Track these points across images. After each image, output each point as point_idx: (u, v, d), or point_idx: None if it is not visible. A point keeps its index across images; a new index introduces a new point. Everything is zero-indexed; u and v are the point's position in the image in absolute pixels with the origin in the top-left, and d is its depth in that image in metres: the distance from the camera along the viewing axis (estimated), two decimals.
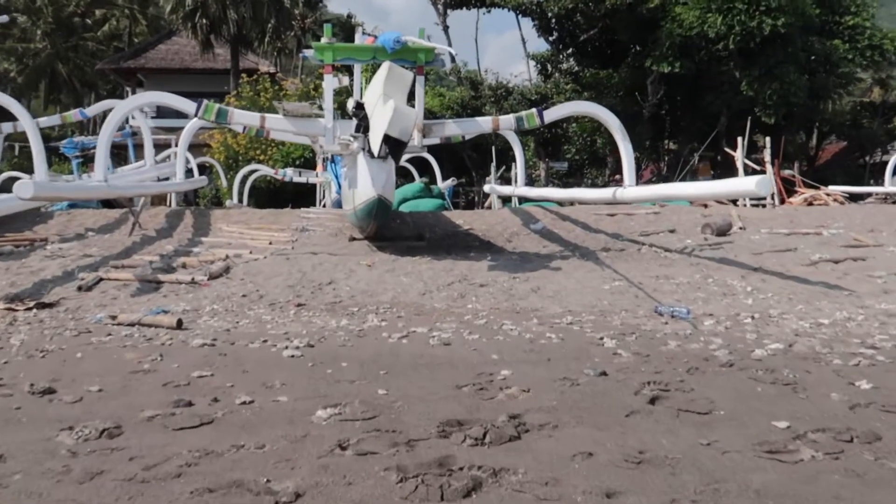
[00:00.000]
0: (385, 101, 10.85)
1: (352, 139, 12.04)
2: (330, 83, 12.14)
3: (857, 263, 11.74)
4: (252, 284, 10.10)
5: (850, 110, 39.04)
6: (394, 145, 10.80)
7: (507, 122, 12.49)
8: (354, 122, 11.97)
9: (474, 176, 36.71)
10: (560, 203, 20.43)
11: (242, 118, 12.41)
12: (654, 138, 39.79)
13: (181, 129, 43.62)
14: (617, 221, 16.76)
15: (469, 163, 36.70)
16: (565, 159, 39.11)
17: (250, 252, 13.06)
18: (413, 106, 12.11)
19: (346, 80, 13.95)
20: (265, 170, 28.35)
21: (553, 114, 12.68)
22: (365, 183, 11.80)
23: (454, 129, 12.44)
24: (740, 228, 15.74)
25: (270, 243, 14.18)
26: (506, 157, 36.12)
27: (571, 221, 16.65)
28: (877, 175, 40.42)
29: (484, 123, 12.60)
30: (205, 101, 12.16)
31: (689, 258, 12.29)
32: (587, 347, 6.90)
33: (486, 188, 21.13)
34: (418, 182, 22.92)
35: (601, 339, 7.17)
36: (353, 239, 13.98)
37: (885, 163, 42.65)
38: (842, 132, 38.63)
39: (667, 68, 34.15)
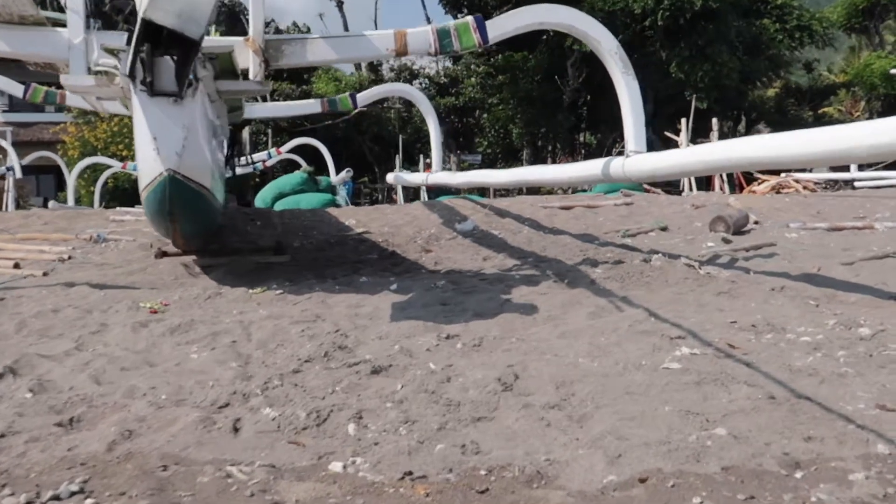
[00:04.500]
0: None
1: (118, 63, 5.79)
2: None
3: None
4: None
5: (775, 96, 34.81)
6: (175, 50, 4.66)
7: (420, 40, 6.51)
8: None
9: (377, 171, 30.51)
10: (484, 194, 14.60)
11: None
12: (572, 129, 34.65)
13: (38, 124, 35.86)
14: (577, 217, 11.00)
15: (371, 156, 30.57)
16: (478, 152, 33.39)
17: None
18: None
19: None
20: (110, 164, 21.41)
21: (503, 25, 6.76)
22: (145, 145, 5.59)
23: (324, 51, 6.36)
24: (756, 223, 10.26)
25: (16, 266, 7.75)
26: (412, 151, 30.22)
27: (513, 218, 10.79)
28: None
29: (379, 41, 6.59)
30: None
31: (752, 275, 6.56)
32: None
33: (390, 177, 15.14)
34: (300, 172, 16.61)
35: None
36: (163, 254, 7.68)
37: None
38: (770, 118, 34.33)
39: (588, 47, 28.96)
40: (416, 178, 14.03)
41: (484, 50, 32.40)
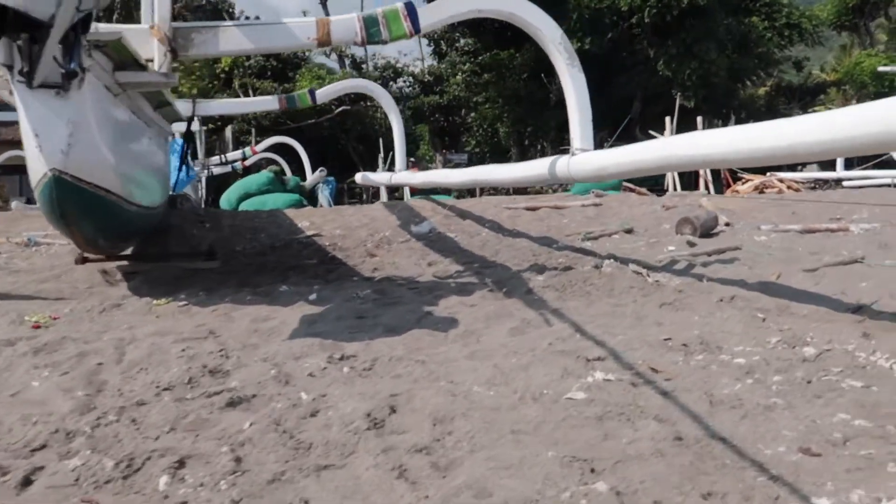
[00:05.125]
0: None
1: None
2: None
3: None
4: None
5: (766, 95, 34.27)
6: (29, 33, 4.15)
7: (345, 28, 5.96)
8: None
9: (361, 170, 29.96)
10: (458, 194, 14.17)
11: None
12: (560, 128, 34.08)
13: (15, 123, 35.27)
14: (541, 218, 10.48)
15: (355, 155, 30.04)
16: (465, 151, 32.85)
17: None
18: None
19: None
20: None
21: (437, 13, 6.22)
22: (28, 143, 5.05)
23: (238, 40, 5.81)
24: (727, 225, 9.71)
25: None
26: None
27: (474, 219, 10.26)
28: (792, 164, 35.88)
29: (300, 29, 6.05)
30: None
31: (704, 284, 6.02)
32: None
33: (358, 177, 14.65)
34: (266, 171, 16.05)
35: None
36: (83, 260, 7.13)
37: None
38: (760, 117, 33.84)
39: (575, 45, 28.26)
40: (381, 177, 13.53)
41: (470, 48, 31.90)
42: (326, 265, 7.56)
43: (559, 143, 36.86)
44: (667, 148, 5.28)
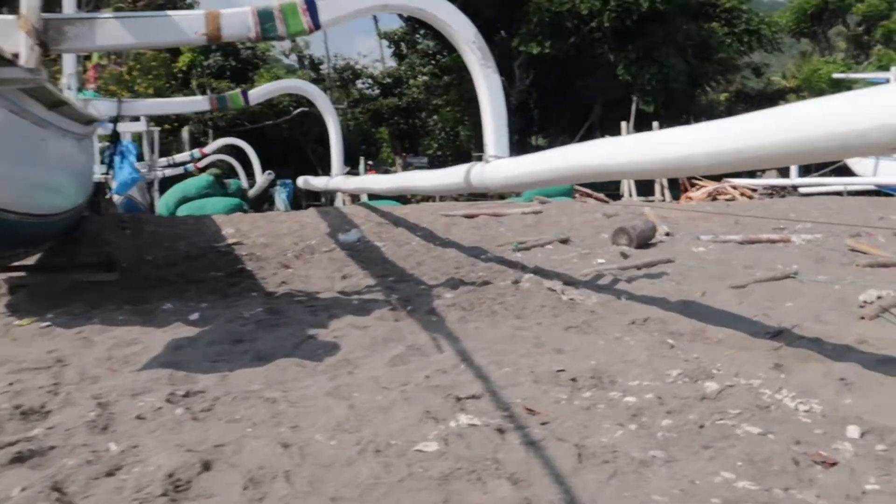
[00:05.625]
0: None
1: None
2: None
3: None
4: None
5: (725, 101, 34.24)
6: None
7: (237, 23, 5.42)
8: None
9: (320, 173, 29.34)
10: (400, 199, 13.73)
11: None
12: (522, 132, 33.75)
13: None
14: (478, 226, 10.03)
15: (314, 158, 29.42)
16: (426, 154, 32.36)
17: None
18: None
19: None
20: None
21: (340, 7, 5.72)
22: None
23: (118, 33, 5.25)
24: (667, 235, 9.34)
25: None
26: (356, 152, 29.11)
27: (408, 227, 9.77)
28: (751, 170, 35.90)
29: (186, 23, 5.48)
30: None
31: (621, 302, 5.57)
32: None
33: (300, 181, 14.15)
34: (206, 175, 15.43)
35: None
36: None
37: None
38: None
39: (536, 49, 28.09)
40: (319, 182, 13.04)
41: (431, 50, 31.41)
42: (232, 278, 7.01)
43: (521, 147, 36.60)
44: (587, 155, 4.76)
